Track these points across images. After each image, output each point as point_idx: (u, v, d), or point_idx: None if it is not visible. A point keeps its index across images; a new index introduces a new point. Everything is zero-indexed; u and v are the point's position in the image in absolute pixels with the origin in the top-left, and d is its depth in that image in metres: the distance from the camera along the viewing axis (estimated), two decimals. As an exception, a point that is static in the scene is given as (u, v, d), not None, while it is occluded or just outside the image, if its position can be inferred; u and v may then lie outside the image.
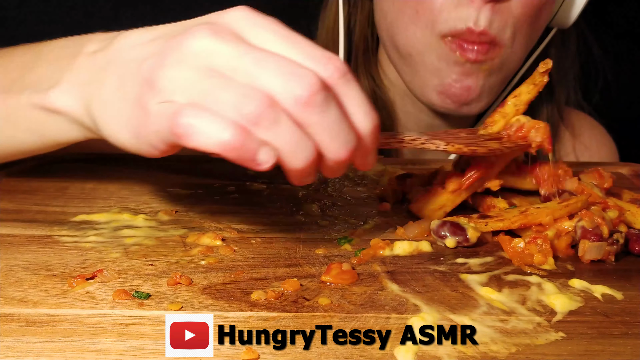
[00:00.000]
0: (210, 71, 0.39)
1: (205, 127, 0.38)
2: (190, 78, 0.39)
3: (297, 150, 0.40)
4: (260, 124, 0.38)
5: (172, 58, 0.40)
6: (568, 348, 0.38)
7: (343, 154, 0.41)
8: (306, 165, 0.40)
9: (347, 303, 0.41)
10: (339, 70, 0.40)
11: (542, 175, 0.54)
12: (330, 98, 0.39)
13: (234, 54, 0.39)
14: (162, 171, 0.63)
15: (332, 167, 0.42)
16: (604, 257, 0.48)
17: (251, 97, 0.38)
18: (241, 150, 0.39)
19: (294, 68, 0.39)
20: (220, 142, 0.38)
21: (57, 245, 0.48)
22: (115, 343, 0.37)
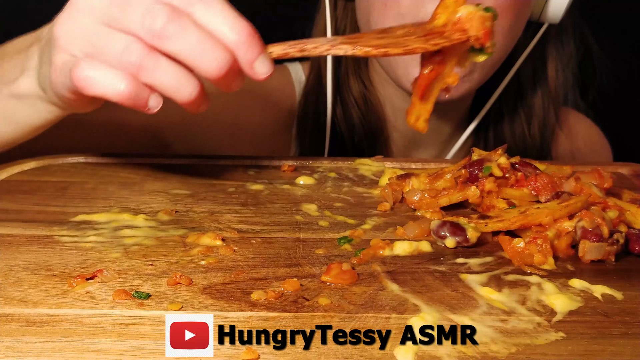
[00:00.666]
0: (95, 25, 0.46)
1: (102, 79, 0.45)
2: (80, 33, 0.46)
3: (181, 86, 0.45)
4: (144, 70, 0.45)
5: (65, 16, 0.47)
6: (568, 348, 0.38)
7: (215, 69, 0.44)
8: (193, 95, 0.46)
9: (347, 303, 0.41)
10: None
11: (540, 184, 0.54)
12: (186, 23, 0.44)
13: (107, 4, 0.45)
14: (162, 171, 0.63)
15: (220, 83, 0.46)
16: (604, 257, 0.48)
17: (131, 46, 0.44)
18: (135, 98, 0.45)
19: (151, 6, 0.44)
20: (116, 91, 0.45)
21: (57, 245, 0.48)
22: (115, 343, 0.37)
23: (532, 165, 0.57)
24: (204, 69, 0.45)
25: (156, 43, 0.44)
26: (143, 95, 0.46)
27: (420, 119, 0.53)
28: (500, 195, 0.54)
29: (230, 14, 0.45)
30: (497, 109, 0.85)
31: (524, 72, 0.85)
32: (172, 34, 0.44)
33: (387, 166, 0.66)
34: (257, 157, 0.67)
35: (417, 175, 0.58)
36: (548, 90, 0.86)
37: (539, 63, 0.85)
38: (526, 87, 0.86)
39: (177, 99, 0.46)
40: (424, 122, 0.53)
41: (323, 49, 0.49)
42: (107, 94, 0.45)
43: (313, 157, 0.69)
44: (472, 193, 0.54)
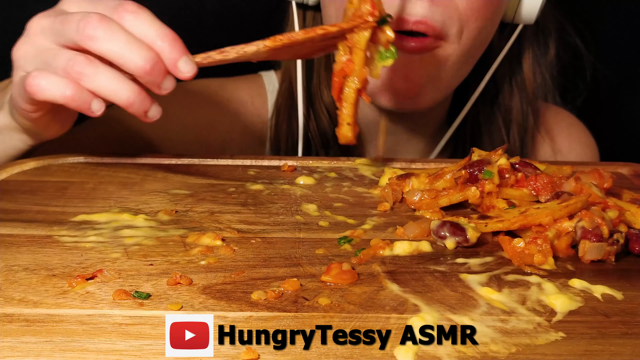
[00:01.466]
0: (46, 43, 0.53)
1: (49, 85, 0.52)
2: (34, 52, 0.54)
3: (119, 89, 0.52)
4: (85, 77, 0.52)
5: (22, 40, 0.54)
6: (568, 348, 0.38)
7: (141, 66, 0.51)
8: (131, 98, 0.53)
9: (347, 303, 0.41)
10: (127, 11, 0.52)
11: (540, 184, 0.54)
12: (114, 27, 0.51)
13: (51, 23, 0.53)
14: (162, 171, 0.63)
15: (149, 82, 0.53)
16: (604, 257, 0.48)
17: (74, 58, 0.52)
18: (79, 101, 0.52)
19: (82, 15, 0.51)
20: (62, 95, 0.52)
21: (57, 245, 0.48)
22: (115, 343, 0.37)
23: (532, 166, 0.57)
24: (130, 67, 0.51)
25: (88, 45, 0.51)
26: (86, 99, 0.53)
27: (344, 124, 0.55)
28: (500, 196, 0.54)
29: (156, 23, 0.53)
30: (474, 114, 0.84)
31: (501, 74, 0.83)
32: (101, 36, 0.51)
33: (387, 166, 0.65)
34: (257, 157, 0.67)
35: (417, 175, 0.58)
36: (526, 93, 0.84)
37: (515, 65, 0.83)
38: (503, 90, 0.84)
39: (117, 102, 0.53)
40: (348, 126, 0.54)
41: (238, 48, 0.54)
42: (55, 98, 0.52)
43: (313, 157, 0.69)
44: (472, 194, 0.54)
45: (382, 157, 0.68)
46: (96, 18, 0.51)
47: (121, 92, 0.52)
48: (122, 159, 0.65)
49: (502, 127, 0.85)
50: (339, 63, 0.56)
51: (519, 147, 0.85)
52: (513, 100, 0.84)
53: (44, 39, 0.53)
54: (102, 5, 0.53)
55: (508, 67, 0.83)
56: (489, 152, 0.57)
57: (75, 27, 0.51)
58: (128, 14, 0.52)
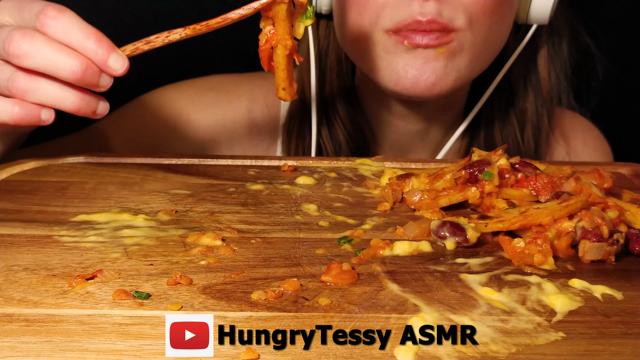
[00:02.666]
0: None
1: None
2: None
3: (63, 98, 0.54)
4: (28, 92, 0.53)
5: None
6: (568, 348, 0.38)
7: (73, 73, 0.52)
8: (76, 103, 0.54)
9: (347, 303, 0.41)
10: (49, 17, 0.52)
11: (540, 184, 0.54)
12: (37, 41, 0.51)
13: None
14: (162, 171, 0.63)
15: (85, 84, 0.53)
16: (604, 257, 0.48)
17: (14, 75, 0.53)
18: (28, 117, 0.54)
19: (6, 32, 0.52)
20: (10, 116, 0.53)
21: (57, 245, 0.48)
22: (115, 343, 0.37)
23: (532, 166, 0.57)
24: (64, 76, 0.52)
25: (17, 62, 0.52)
26: (35, 112, 0.54)
27: (279, 89, 0.58)
28: (500, 196, 0.54)
29: (79, 25, 0.53)
30: (488, 114, 0.84)
31: (516, 75, 0.84)
32: (26, 52, 0.51)
33: (387, 166, 0.66)
34: (257, 157, 0.67)
35: (417, 175, 0.58)
36: (541, 94, 0.85)
37: (530, 66, 0.84)
38: (518, 90, 0.84)
39: (64, 109, 0.54)
40: (283, 91, 0.58)
41: (163, 37, 0.56)
42: (4, 120, 0.53)
43: (313, 157, 0.69)
44: (473, 194, 0.54)
45: (382, 157, 0.68)
46: (18, 35, 0.51)
47: (66, 99, 0.54)
48: (122, 159, 0.65)
49: (516, 127, 0.85)
50: (264, 35, 0.57)
51: (533, 148, 0.85)
52: (528, 101, 0.85)
53: None
54: (27, 12, 0.54)
55: (523, 68, 0.84)
56: (489, 153, 0.57)
57: (2, 46, 0.52)
58: (50, 20, 0.52)
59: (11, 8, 0.55)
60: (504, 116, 0.85)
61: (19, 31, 0.52)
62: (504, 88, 0.83)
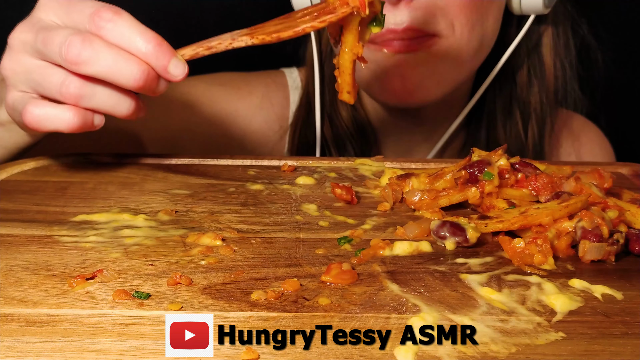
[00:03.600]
0: (32, 60, 0.52)
1: (51, 117, 0.51)
2: (22, 70, 0.52)
3: (117, 105, 0.52)
4: (83, 98, 0.51)
5: (7, 57, 0.53)
6: (568, 348, 0.38)
7: (135, 81, 0.50)
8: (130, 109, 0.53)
9: (347, 303, 0.41)
10: (104, 19, 0.50)
11: (540, 184, 0.54)
12: (98, 46, 0.49)
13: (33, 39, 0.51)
14: (162, 171, 0.63)
15: (144, 90, 0.52)
16: (604, 257, 0.48)
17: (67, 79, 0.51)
18: (83, 124, 0.52)
19: (63, 36, 0.49)
20: (67, 125, 0.52)
21: (57, 245, 0.48)
22: (115, 343, 0.37)
23: (532, 166, 0.57)
24: (124, 83, 0.51)
25: (76, 69, 0.50)
26: (88, 118, 0.52)
27: (344, 92, 0.58)
28: (500, 196, 0.54)
29: (137, 29, 0.50)
30: (490, 107, 0.84)
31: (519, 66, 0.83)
32: (87, 59, 0.49)
33: (387, 166, 0.66)
34: (257, 157, 0.67)
35: (417, 175, 0.58)
36: (545, 85, 0.84)
37: (534, 56, 0.83)
38: (521, 82, 0.83)
39: (117, 115, 0.53)
40: (348, 94, 0.58)
41: (227, 43, 0.55)
42: (59, 128, 0.52)
43: (313, 157, 0.69)
44: (473, 194, 0.54)
45: (382, 157, 0.68)
46: (77, 41, 0.49)
47: (121, 105, 0.53)
48: (122, 159, 0.65)
49: (519, 121, 0.84)
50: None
51: (538, 144, 0.84)
52: (532, 93, 0.84)
53: (29, 57, 0.52)
54: (77, 13, 0.51)
55: (526, 58, 0.83)
56: (488, 153, 0.57)
57: (58, 51, 0.50)
58: (107, 23, 0.50)
59: (56, 7, 0.52)
60: (506, 109, 0.84)
61: (77, 36, 0.49)
62: (507, 80, 0.83)
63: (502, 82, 0.83)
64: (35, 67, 0.52)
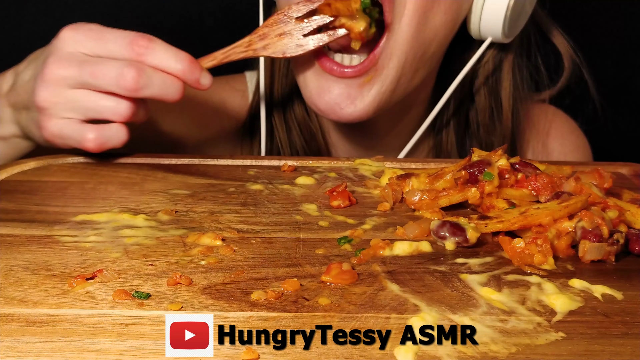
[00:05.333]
0: (73, 92, 0.59)
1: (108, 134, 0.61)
2: (63, 100, 0.59)
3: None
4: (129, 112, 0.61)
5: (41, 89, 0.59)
6: (568, 348, 0.38)
7: (178, 96, 0.61)
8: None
9: (347, 303, 0.41)
10: (142, 47, 0.59)
11: (540, 184, 0.54)
12: (149, 72, 0.59)
13: (77, 74, 0.58)
14: (162, 171, 0.63)
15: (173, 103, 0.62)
16: (604, 257, 0.48)
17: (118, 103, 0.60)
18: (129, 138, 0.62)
19: (119, 70, 0.58)
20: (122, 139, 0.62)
21: (57, 245, 0.48)
22: (115, 343, 0.37)
23: (532, 166, 0.57)
24: (170, 98, 0.61)
25: (134, 95, 0.59)
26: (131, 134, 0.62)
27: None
28: (500, 196, 0.54)
29: (171, 51, 0.60)
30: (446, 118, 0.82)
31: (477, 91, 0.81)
32: (144, 85, 0.58)
33: (387, 166, 0.65)
34: (257, 157, 0.67)
35: (417, 175, 0.58)
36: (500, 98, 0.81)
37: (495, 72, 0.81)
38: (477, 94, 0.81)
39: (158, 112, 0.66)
40: None
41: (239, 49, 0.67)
42: (117, 145, 0.62)
43: (313, 157, 0.69)
44: (472, 194, 0.54)
45: (383, 157, 0.68)
46: (133, 70, 0.58)
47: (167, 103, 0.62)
48: (122, 158, 0.65)
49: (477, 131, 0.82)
50: None
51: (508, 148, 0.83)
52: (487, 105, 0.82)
53: (71, 89, 0.59)
54: (112, 44, 0.59)
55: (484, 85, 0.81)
56: (489, 153, 0.57)
57: (115, 83, 0.58)
58: (146, 50, 0.59)
59: (85, 40, 0.59)
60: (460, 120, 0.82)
61: (132, 67, 0.58)
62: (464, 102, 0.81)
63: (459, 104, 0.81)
64: (81, 96, 0.59)
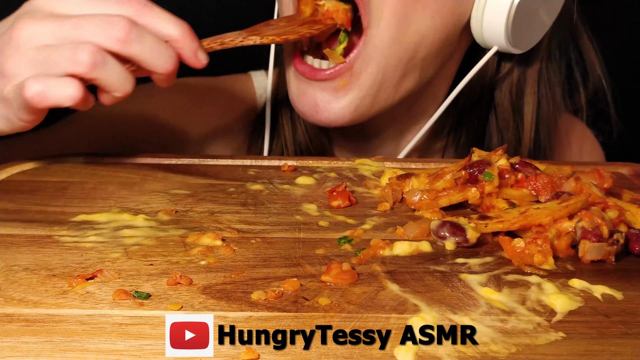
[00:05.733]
0: (42, 47, 0.50)
1: (53, 89, 0.49)
2: (28, 58, 0.51)
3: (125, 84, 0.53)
4: (95, 70, 0.50)
5: (9, 50, 0.51)
6: (568, 348, 0.38)
7: (169, 66, 0.53)
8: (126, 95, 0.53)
9: (347, 303, 0.41)
10: (138, 3, 0.52)
11: (540, 184, 0.54)
12: (142, 29, 0.51)
13: (56, 28, 0.51)
14: (162, 171, 0.63)
15: (164, 79, 0.55)
16: (604, 257, 0.48)
17: (81, 50, 0.50)
18: (86, 100, 0.52)
19: (107, 18, 0.51)
20: (69, 96, 0.50)
21: (57, 245, 0.48)
22: (115, 343, 0.37)
23: (532, 166, 0.57)
24: (159, 70, 0.53)
25: (119, 48, 0.51)
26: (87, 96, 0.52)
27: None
28: (500, 196, 0.54)
29: (168, 14, 0.54)
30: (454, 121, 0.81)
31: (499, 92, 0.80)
32: (133, 39, 0.51)
33: (387, 166, 0.66)
34: (257, 157, 0.67)
35: (417, 175, 0.58)
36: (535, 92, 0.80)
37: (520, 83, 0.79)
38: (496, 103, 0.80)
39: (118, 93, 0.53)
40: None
41: (237, 41, 0.60)
42: (60, 101, 0.50)
43: (313, 157, 0.69)
44: (473, 194, 0.54)
45: (383, 157, 0.68)
46: (124, 21, 0.50)
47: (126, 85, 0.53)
48: (122, 159, 0.65)
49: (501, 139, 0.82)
50: None
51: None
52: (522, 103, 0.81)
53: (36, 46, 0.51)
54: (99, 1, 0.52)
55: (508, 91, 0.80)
56: (489, 153, 0.57)
57: (103, 31, 0.50)
58: (142, 8, 0.52)
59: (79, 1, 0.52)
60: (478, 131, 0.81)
61: (123, 19, 0.51)
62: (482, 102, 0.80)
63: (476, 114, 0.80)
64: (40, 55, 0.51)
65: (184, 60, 0.55)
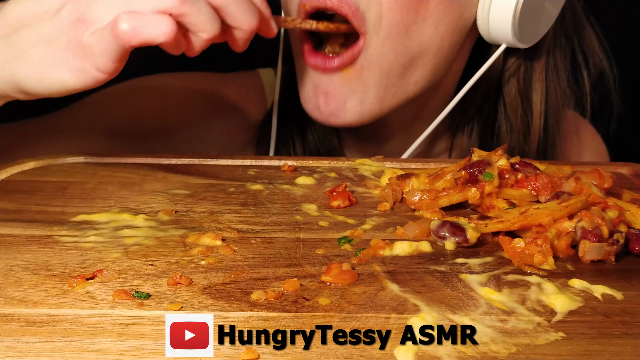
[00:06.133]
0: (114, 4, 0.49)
1: (147, 23, 0.48)
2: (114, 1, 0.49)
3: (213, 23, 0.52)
4: (185, 4, 0.50)
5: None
6: (568, 348, 0.38)
7: (254, 23, 0.55)
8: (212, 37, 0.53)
9: (347, 303, 0.41)
10: None
11: (540, 184, 0.54)
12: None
13: None
14: (162, 171, 0.63)
15: (243, 40, 0.56)
16: (604, 257, 0.48)
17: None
18: (179, 40, 0.51)
19: None
20: (163, 33, 0.49)
21: (57, 245, 0.48)
22: (115, 343, 0.37)
23: (532, 166, 0.57)
24: (246, 21, 0.54)
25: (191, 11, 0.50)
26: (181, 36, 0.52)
27: None
28: (500, 196, 0.54)
29: None
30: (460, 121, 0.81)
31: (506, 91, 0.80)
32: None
33: (387, 166, 0.66)
34: (257, 157, 0.67)
35: (417, 175, 0.58)
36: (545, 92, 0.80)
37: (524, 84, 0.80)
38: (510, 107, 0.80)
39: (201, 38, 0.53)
40: None
41: (297, 22, 0.64)
42: (154, 38, 0.49)
43: (313, 157, 0.69)
44: (473, 195, 0.54)
45: (383, 157, 0.68)
46: None
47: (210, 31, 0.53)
48: (122, 158, 0.65)
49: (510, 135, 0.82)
50: None
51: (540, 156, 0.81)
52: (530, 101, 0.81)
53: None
54: None
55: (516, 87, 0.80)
56: (489, 153, 0.57)
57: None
58: None
59: None
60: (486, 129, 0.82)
61: None
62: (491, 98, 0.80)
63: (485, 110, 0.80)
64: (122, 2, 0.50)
65: (261, 26, 0.56)
